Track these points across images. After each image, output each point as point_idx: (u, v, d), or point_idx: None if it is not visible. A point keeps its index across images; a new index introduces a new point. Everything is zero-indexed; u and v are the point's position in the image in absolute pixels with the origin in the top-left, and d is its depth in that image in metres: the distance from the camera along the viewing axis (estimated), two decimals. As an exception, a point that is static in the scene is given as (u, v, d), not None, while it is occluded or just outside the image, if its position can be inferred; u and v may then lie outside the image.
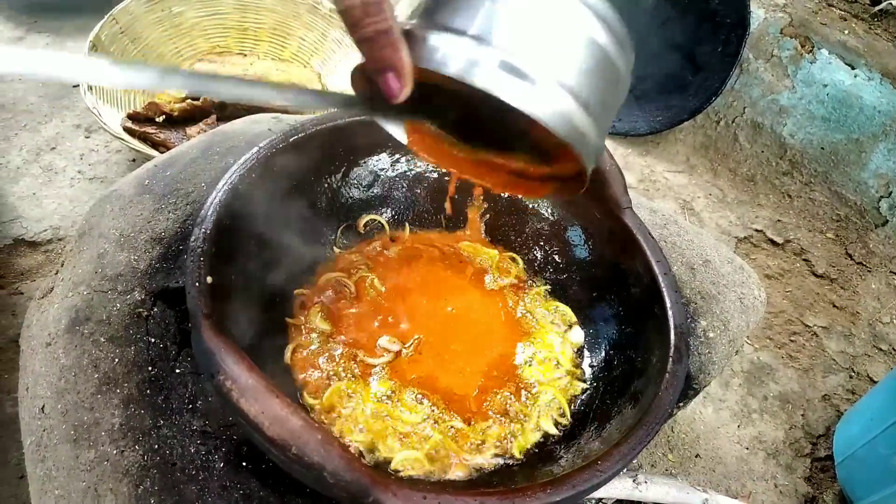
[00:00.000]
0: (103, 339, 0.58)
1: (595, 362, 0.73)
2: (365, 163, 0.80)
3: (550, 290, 0.80)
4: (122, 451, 0.51)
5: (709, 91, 1.62)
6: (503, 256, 0.82)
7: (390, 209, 0.83)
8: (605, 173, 0.72)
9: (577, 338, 0.75)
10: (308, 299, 0.72)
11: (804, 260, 1.53)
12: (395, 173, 0.82)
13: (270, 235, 0.67)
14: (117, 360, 0.57)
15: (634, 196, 0.75)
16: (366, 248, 0.80)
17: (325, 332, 0.68)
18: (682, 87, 1.69)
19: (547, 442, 0.65)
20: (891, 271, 1.53)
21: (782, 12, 1.67)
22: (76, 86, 1.47)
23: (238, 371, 0.42)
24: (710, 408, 1.19)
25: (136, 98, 1.38)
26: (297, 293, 0.71)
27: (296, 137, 0.68)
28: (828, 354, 1.34)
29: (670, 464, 1.07)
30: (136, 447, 0.52)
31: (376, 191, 0.81)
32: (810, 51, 1.63)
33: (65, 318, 0.59)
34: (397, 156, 0.82)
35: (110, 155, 1.37)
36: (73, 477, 0.51)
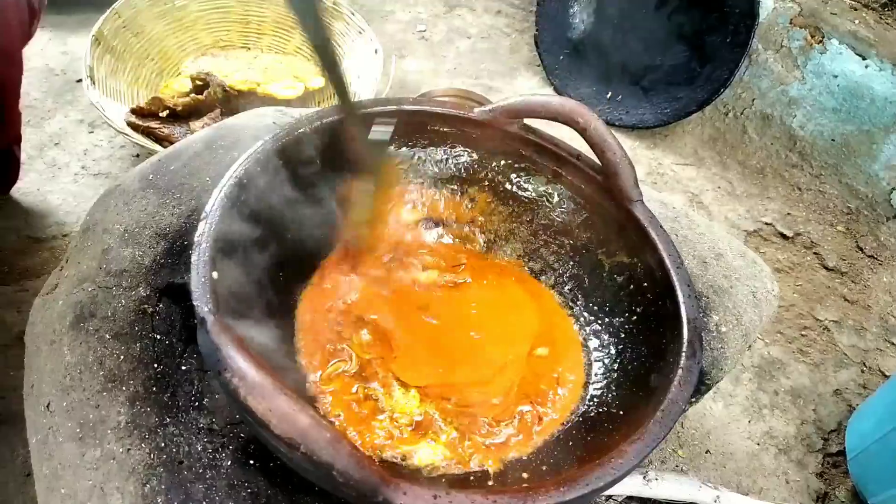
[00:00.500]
0: (108, 336, 0.57)
1: (606, 359, 0.72)
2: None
3: (556, 284, 0.79)
4: (129, 450, 0.51)
5: (717, 82, 1.60)
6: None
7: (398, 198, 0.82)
8: (615, 165, 0.71)
9: (586, 335, 0.74)
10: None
11: (814, 253, 1.51)
12: (403, 165, 0.81)
13: (277, 230, 0.66)
14: (122, 357, 0.56)
15: (643, 189, 0.73)
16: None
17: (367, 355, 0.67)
18: (689, 79, 1.66)
19: (559, 438, 0.64)
20: (902, 264, 1.51)
21: (792, 2, 1.65)
22: (79, 80, 1.47)
23: (245, 368, 0.41)
24: (721, 403, 1.18)
25: (140, 93, 1.38)
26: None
27: (301, 130, 0.67)
28: (839, 349, 1.32)
29: (680, 460, 1.06)
30: (143, 445, 0.51)
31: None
32: (820, 41, 1.61)
33: (69, 314, 0.59)
34: (404, 148, 0.81)
35: (114, 150, 1.36)
36: (79, 475, 0.50)
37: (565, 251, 0.80)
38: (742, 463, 1.10)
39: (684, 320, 0.61)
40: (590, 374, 0.70)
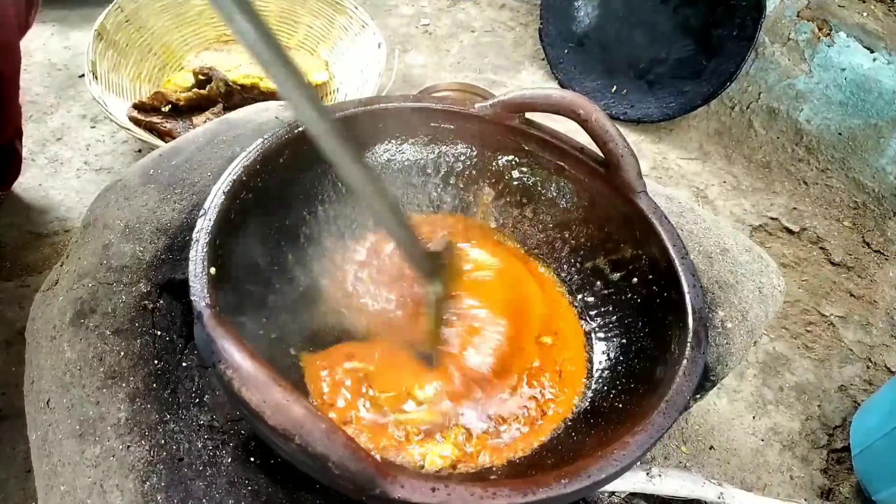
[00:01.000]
0: (108, 332, 0.57)
1: (611, 351, 0.71)
2: (373, 151, 0.78)
3: (560, 276, 0.78)
4: (129, 447, 0.51)
5: (723, 76, 1.59)
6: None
7: (401, 196, 0.81)
8: (617, 157, 0.70)
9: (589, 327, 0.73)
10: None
11: (820, 248, 1.50)
12: (405, 161, 0.81)
13: (277, 225, 0.66)
14: (123, 353, 0.56)
15: (648, 183, 0.73)
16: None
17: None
18: (695, 73, 1.65)
19: (561, 431, 0.63)
20: (909, 259, 1.50)
21: (799, -6, 1.63)
22: (81, 75, 1.46)
23: (239, 359, 0.41)
24: (725, 399, 1.17)
25: (143, 88, 1.37)
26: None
27: (302, 127, 0.67)
28: (844, 344, 1.31)
29: (684, 456, 1.05)
30: (143, 442, 0.51)
31: (386, 178, 0.80)
32: (828, 34, 1.59)
33: (70, 310, 0.58)
34: (406, 145, 0.80)
35: (116, 145, 1.36)
36: (79, 472, 0.50)
37: (569, 244, 0.79)
38: (746, 459, 1.09)
39: (689, 310, 0.60)
40: (593, 366, 0.70)
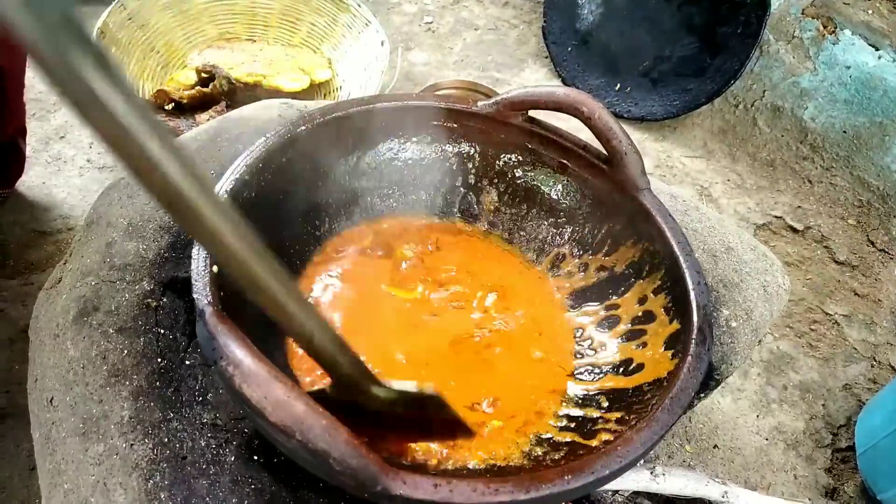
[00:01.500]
0: (112, 331, 0.57)
1: (614, 350, 0.71)
2: (375, 151, 0.78)
3: (564, 275, 0.78)
4: (132, 445, 0.50)
5: (727, 74, 1.58)
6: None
7: (402, 196, 0.81)
8: (621, 154, 0.69)
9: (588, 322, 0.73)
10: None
11: (825, 247, 1.49)
12: (407, 160, 0.80)
13: (279, 224, 0.65)
14: (126, 351, 0.56)
15: (652, 181, 0.72)
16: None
17: None
18: (699, 70, 1.64)
19: (564, 429, 0.63)
20: (914, 258, 1.49)
21: (804, -8, 1.62)
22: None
23: (240, 356, 0.40)
24: (729, 398, 1.17)
25: (145, 85, 1.37)
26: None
27: (304, 126, 0.67)
28: (849, 343, 1.31)
29: (688, 455, 1.05)
30: (146, 440, 0.51)
31: (387, 178, 0.80)
32: (833, 32, 1.59)
33: (73, 308, 0.58)
34: (408, 144, 0.80)
35: (120, 143, 1.36)
36: (82, 471, 0.50)
37: (573, 242, 0.79)
38: (750, 458, 1.09)
39: (694, 306, 0.60)
40: (595, 365, 0.69)
